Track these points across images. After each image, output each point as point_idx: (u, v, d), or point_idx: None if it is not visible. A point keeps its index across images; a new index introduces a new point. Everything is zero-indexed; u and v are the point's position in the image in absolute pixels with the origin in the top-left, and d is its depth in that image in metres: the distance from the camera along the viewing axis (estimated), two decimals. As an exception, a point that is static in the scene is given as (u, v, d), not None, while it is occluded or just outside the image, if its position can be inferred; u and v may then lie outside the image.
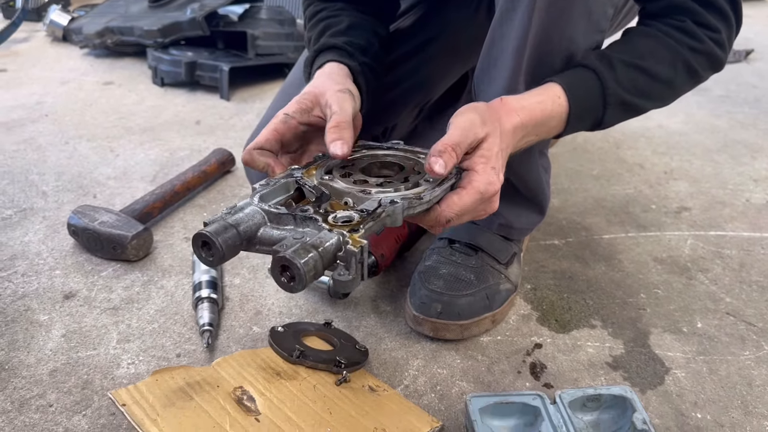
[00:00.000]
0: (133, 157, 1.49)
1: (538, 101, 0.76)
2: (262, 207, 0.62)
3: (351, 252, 0.55)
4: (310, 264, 0.53)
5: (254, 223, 0.60)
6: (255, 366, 0.80)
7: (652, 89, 0.81)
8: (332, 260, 0.56)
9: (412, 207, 0.64)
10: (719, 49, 0.82)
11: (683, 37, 0.80)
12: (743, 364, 0.89)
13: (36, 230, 1.18)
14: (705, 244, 1.19)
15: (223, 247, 0.56)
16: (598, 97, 0.79)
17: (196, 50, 2.05)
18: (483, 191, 0.67)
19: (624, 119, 0.85)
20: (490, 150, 0.69)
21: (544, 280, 1.07)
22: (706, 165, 1.53)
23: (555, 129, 0.79)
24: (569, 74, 0.79)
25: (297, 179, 0.69)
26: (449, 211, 0.67)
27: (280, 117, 0.78)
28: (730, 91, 2.07)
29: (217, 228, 0.57)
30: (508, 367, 0.88)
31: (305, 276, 0.52)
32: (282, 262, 0.53)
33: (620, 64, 0.79)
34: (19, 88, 1.95)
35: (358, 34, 0.98)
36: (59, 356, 0.87)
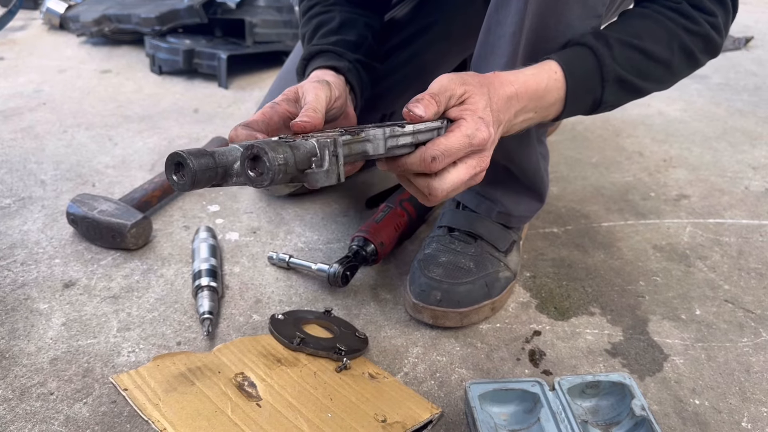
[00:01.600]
0: (131, 145, 1.49)
1: (532, 73, 0.76)
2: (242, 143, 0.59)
3: (324, 143, 0.54)
4: (280, 158, 0.51)
5: (232, 156, 0.57)
6: (256, 353, 0.81)
7: (649, 69, 0.81)
8: (306, 162, 0.54)
9: (395, 135, 0.63)
10: (715, 33, 0.82)
11: (679, 18, 0.80)
12: (741, 350, 0.90)
13: (35, 219, 1.17)
14: (704, 232, 1.19)
15: (196, 168, 0.53)
16: (596, 73, 0.78)
17: (193, 38, 2.04)
18: (470, 135, 0.66)
19: (624, 101, 0.84)
20: (475, 104, 0.68)
21: (543, 268, 1.07)
22: (705, 153, 1.53)
23: (554, 107, 0.79)
24: (565, 51, 0.79)
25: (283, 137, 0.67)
26: (434, 149, 0.65)
27: (268, 104, 0.79)
28: (730, 78, 2.07)
29: (192, 150, 0.55)
30: (507, 354, 0.88)
31: (275, 167, 0.51)
32: (253, 152, 0.51)
33: (617, 43, 0.79)
34: (17, 77, 1.94)
35: (350, 31, 0.98)
36: (60, 344, 0.87)
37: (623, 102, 0.85)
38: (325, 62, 0.91)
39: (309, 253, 1.10)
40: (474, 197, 0.99)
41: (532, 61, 0.81)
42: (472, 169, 0.68)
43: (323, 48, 0.94)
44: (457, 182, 0.68)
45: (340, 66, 0.90)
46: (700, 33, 0.82)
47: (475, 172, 0.69)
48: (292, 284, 1.01)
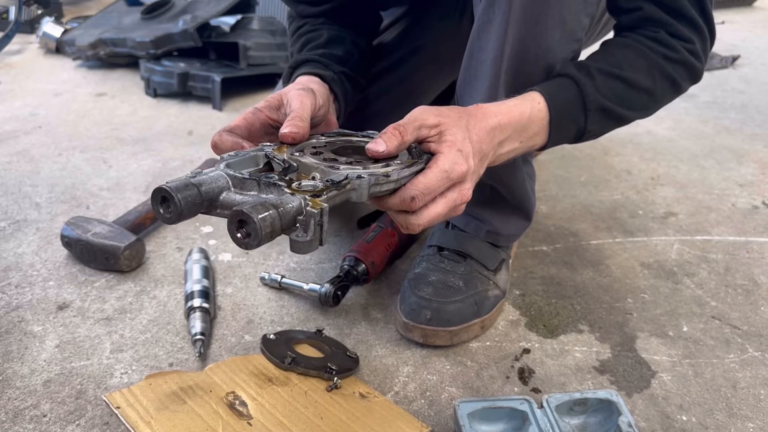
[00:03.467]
0: (126, 167, 1.50)
1: (515, 104, 0.77)
2: (227, 172, 0.60)
3: (310, 213, 0.55)
4: (267, 220, 0.52)
5: (217, 186, 0.58)
6: (247, 372, 0.81)
7: (632, 97, 0.83)
8: (292, 222, 0.55)
9: (379, 184, 0.63)
10: (695, 59, 0.84)
11: (658, 47, 0.82)
12: (728, 367, 0.91)
13: (29, 242, 1.18)
14: (691, 249, 1.21)
15: (181, 203, 0.55)
16: (578, 102, 0.80)
17: (188, 61, 2.07)
18: (448, 170, 0.66)
19: (608, 129, 0.86)
20: (454, 136, 0.68)
21: (532, 286, 1.08)
22: (692, 170, 1.55)
23: (538, 136, 0.80)
24: (548, 83, 0.81)
25: (266, 153, 0.68)
26: (413, 188, 0.65)
27: (250, 110, 0.80)
28: (717, 96, 2.10)
29: (177, 184, 0.56)
30: (496, 372, 0.89)
31: (261, 232, 0.52)
32: (239, 217, 0.52)
33: (598, 73, 0.80)
34: (13, 100, 1.96)
35: (337, 47, 1.00)
36: (53, 366, 0.88)
37: (607, 130, 0.86)
38: (310, 70, 0.92)
39: (301, 273, 1.11)
40: (463, 217, 1.01)
41: (515, 84, 0.83)
42: (451, 203, 0.68)
43: (310, 57, 0.96)
44: (434, 216, 0.68)
45: (325, 75, 0.92)
46: (680, 60, 0.84)
47: (454, 205, 0.69)
48: (284, 304, 1.02)
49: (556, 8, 0.79)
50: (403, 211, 0.68)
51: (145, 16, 2.30)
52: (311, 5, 1.08)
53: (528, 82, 0.84)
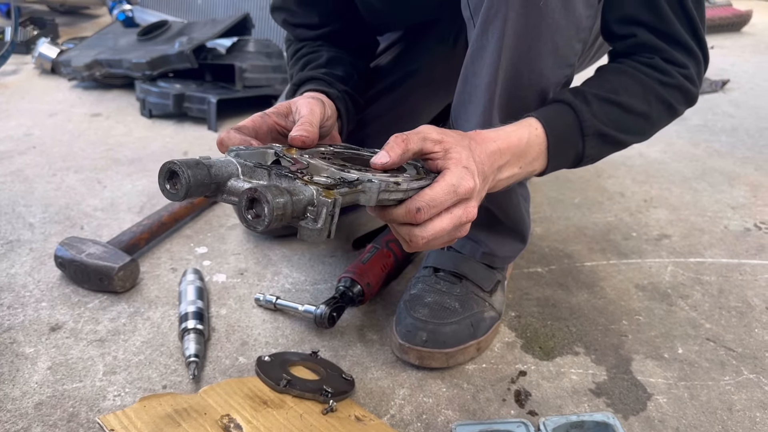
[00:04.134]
0: (120, 188, 1.50)
1: (513, 129, 0.78)
2: (238, 160, 0.60)
3: (323, 201, 0.54)
4: (280, 203, 0.51)
5: (227, 171, 0.57)
6: (242, 394, 0.81)
7: (628, 122, 0.84)
8: (302, 212, 0.54)
9: (388, 190, 0.63)
10: (690, 84, 0.85)
11: (653, 72, 0.84)
12: (723, 389, 0.91)
13: (22, 262, 1.18)
14: (685, 271, 1.21)
15: (190, 180, 0.54)
16: (575, 128, 0.81)
17: (184, 82, 2.07)
18: (455, 184, 0.66)
19: (606, 153, 0.87)
20: (459, 154, 0.68)
21: (527, 308, 1.08)
22: (685, 193, 1.56)
23: (537, 161, 0.80)
24: (544, 108, 0.82)
25: (276, 151, 0.68)
26: (419, 200, 0.65)
27: (258, 114, 0.80)
28: (708, 120, 2.13)
29: (188, 161, 0.55)
30: (493, 394, 0.89)
31: (273, 212, 0.51)
32: (252, 195, 0.52)
33: (594, 98, 0.82)
34: (7, 120, 1.96)
35: (338, 67, 1.01)
36: (45, 389, 0.87)
37: (605, 154, 0.87)
38: (315, 87, 0.93)
39: (296, 294, 1.10)
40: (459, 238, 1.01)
41: (508, 108, 0.84)
42: (456, 219, 0.68)
43: (314, 75, 0.97)
44: (439, 230, 0.67)
45: (330, 92, 0.93)
46: (675, 85, 0.85)
47: (459, 222, 0.68)
48: (278, 326, 1.02)
49: (548, 35, 0.80)
50: (407, 224, 0.67)
51: (141, 37, 2.31)
52: (309, 29, 1.09)
53: (521, 106, 0.85)
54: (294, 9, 1.08)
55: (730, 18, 3.62)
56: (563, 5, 0.78)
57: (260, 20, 2.43)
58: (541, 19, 0.78)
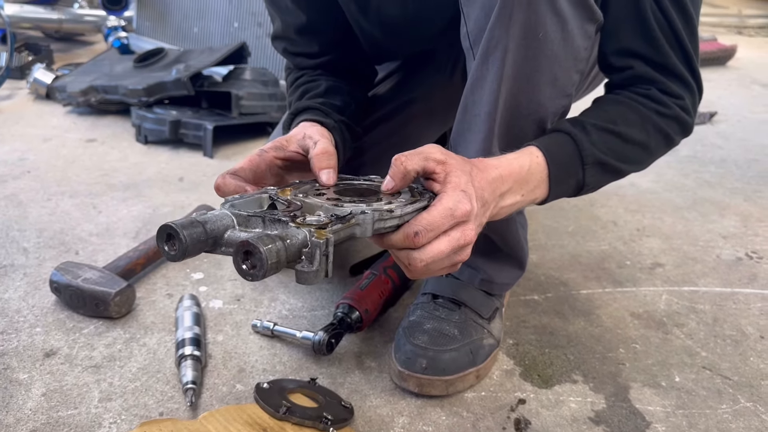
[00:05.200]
0: (115, 213, 1.50)
1: (514, 157, 0.79)
2: (232, 211, 0.62)
3: (316, 243, 0.55)
4: (273, 251, 0.53)
5: (222, 224, 0.59)
6: (241, 421, 0.80)
7: (626, 151, 0.86)
8: (297, 254, 0.56)
9: (383, 219, 0.65)
10: (685, 114, 0.87)
11: (650, 103, 0.86)
12: (721, 417, 0.91)
13: (16, 287, 1.17)
14: (679, 300, 1.22)
15: (187, 240, 0.55)
16: (575, 157, 0.82)
17: (180, 109, 2.08)
18: (452, 207, 0.67)
19: (605, 182, 0.88)
20: (458, 178, 0.70)
21: (525, 335, 1.09)
22: (677, 222, 1.58)
23: (539, 189, 0.81)
24: (544, 138, 0.83)
25: (270, 195, 0.69)
26: (417, 224, 0.67)
27: (256, 152, 0.81)
28: (697, 151, 2.16)
29: (183, 222, 0.57)
30: (493, 423, 0.88)
31: (267, 262, 0.52)
32: (246, 248, 0.53)
33: (593, 128, 0.83)
34: (1, 145, 1.96)
35: (335, 96, 1.03)
36: (39, 416, 0.86)
37: (605, 183, 0.88)
38: (312, 117, 0.95)
39: (293, 320, 1.10)
40: (457, 265, 1.01)
41: (507, 137, 0.85)
42: (455, 242, 0.69)
43: (311, 105, 0.98)
44: (437, 253, 0.68)
45: (327, 122, 0.94)
46: (671, 115, 0.87)
47: (458, 245, 0.69)
48: (276, 352, 1.01)
49: (547, 66, 0.82)
50: (406, 248, 0.68)
51: (138, 64, 2.33)
52: (308, 58, 1.11)
53: (520, 135, 0.86)
54: (294, 38, 1.09)
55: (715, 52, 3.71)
56: (562, 37, 0.80)
57: (256, 49, 2.45)
58: (540, 50, 0.80)
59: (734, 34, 4.95)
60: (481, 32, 0.82)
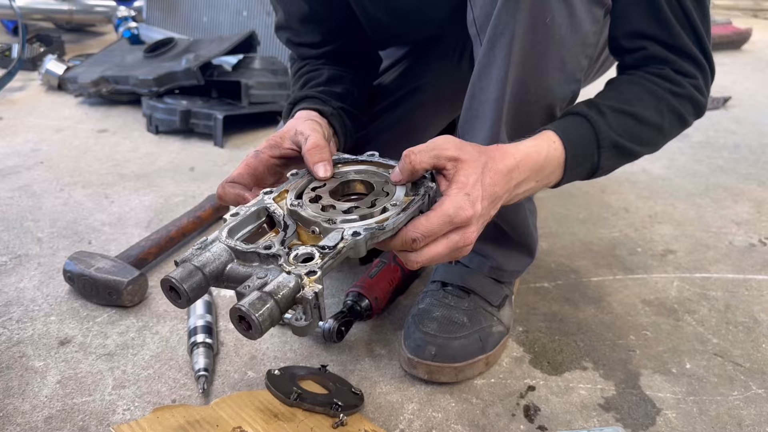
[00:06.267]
0: (127, 203, 1.51)
1: (533, 144, 0.78)
2: (229, 244, 0.65)
3: (306, 299, 0.58)
4: (265, 314, 0.56)
5: (221, 262, 0.63)
6: (253, 407, 0.81)
7: (642, 133, 0.85)
8: (290, 304, 0.59)
9: (375, 237, 0.66)
10: (699, 94, 0.87)
11: (664, 82, 0.85)
12: (732, 404, 0.91)
13: (31, 276, 1.18)
14: (691, 286, 1.22)
15: (188, 292, 0.60)
16: (591, 140, 0.81)
17: (190, 99, 2.09)
18: (452, 214, 0.67)
19: (619, 165, 0.88)
20: (466, 177, 0.70)
21: (535, 323, 1.09)
22: (689, 209, 1.57)
23: (553, 174, 0.81)
24: (560, 121, 0.83)
25: (267, 206, 0.72)
26: (414, 231, 0.67)
27: (251, 154, 0.82)
28: (710, 137, 2.14)
29: (182, 274, 0.60)
30: (502, 409, 0.89)
31: (261, 326, 0.56)
32: (239, 314, 0.56)
33: (608, 110, 0.82)
34: (15, 136, 1.98)
35: (337, 85, 1.03)
36: (54, 403, 0.87)
37: (618, 166, 0.88)
38: (309, 105, 0.95)
39: (304, 309, 1.10)
40: (466, 252, 1.02)
41: (515, 123, 0.85)
42: (453, 244, 0.69)
43: (309, 94, 0.98)
44: (434, 255, 0.69)
45: (324, 110, 0.94)
46: (686, 95, 0.86)
47: (456, 247, 0.70)
48: (287, 340, 1.02)
49: (555, 51, 0.81)
50: (403, 251, 0.70)
51: (148, 54, 2.34)
52: (312, 48, 1.10)
53: (528, 122, 0.85)
54: (297, 28, 1.09)
55: (730, 36, 3.65)
56: (569, 22, 0.79)
57: (266, 38, 2.45)
58: (547, 35, 0.79)
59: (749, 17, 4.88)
60: (487, 18, 0.81)
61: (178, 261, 0.62)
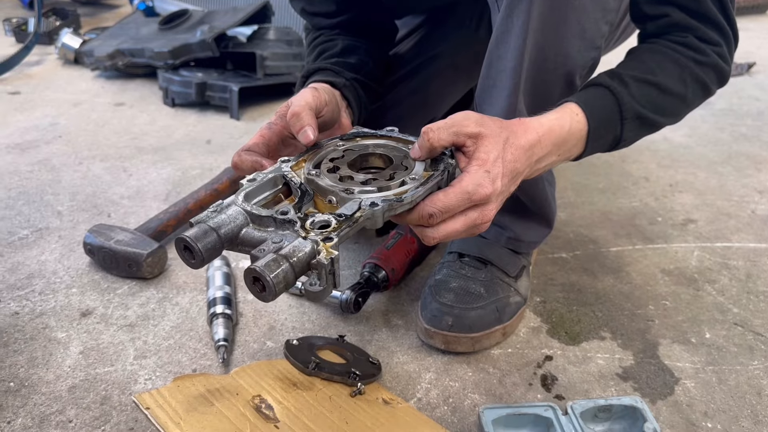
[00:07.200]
0: (146, 176, 1.52)
1: (555, 117, 0.76)
2: (245, 208, 0.64)
3: (321, 264, 0.57)
4: (279, 276, 0.55)
5: (236, 225, 0.62)
6: (272, 376, 0.82)
7: (665, 103, 0.83)
8: (305, 268, 0.58)
9: (393, 209, 0.65)
10: (723, 62, 0.84)
11: (688, 51, 0.82)
12: (752, 374, 0.90)
13: (52, 249, 1.20)
14: (711, 256, 1.20)
15: (202, 252, 0.59)
16: (615, 112, 0.80)
17: (205, 71, 2.09)
18: (471, 191, 0.66)
19: (641, 135, 0.86)
20: (486, 153, 0.68)
21: (553, 293, 1.08)
22: (710, 177, 1.55)
23: (575, 147, 0.79)
24: (582, 93, 0.81)
25: (284, 174, 0.70)
26: (431, 206, 0.66)
27: (264, 126, 0.81)
28: (733, 104, 2.09)
29: (197, 233, 0.59)
30: (519, 379, 0.89)
31: (275, 288, 0.55)
32: (253, 274, 0.55)
33: (631, 80, 0.80)
34: (33, 110, 1.99)
35: (351, 55, 1.01)
36: (77, 373, 0.89)
37: (640, 137, 0.86)
38: (321, 78, 0.93)
39: (321, 280, 1.11)
40: (484, 223, 1.01)
41: (534, 92, 0.83)
42: (471, 221, 0.68)
43: (321, 66, 0.97)
44: (451, 231, 0.68)
45: (336, 81, 0.93)
46: (709, 63, 0.84)
47: (474, 224, 0.68)
48: (305, 311, 1.03)
49: (575, 17, 0.79)
50: (420, 225, 0.68)
51: (163, 26, 2.33)
52: (326, 17, 1.09)
53: (547, 90, 0.84)
54: None
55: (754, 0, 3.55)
56: None
57: (280, 8, 2.43)
58: (567, 1, 0.77)
59: (776, -20, 4.73)
60: None
61: (193, 221, 0.61)
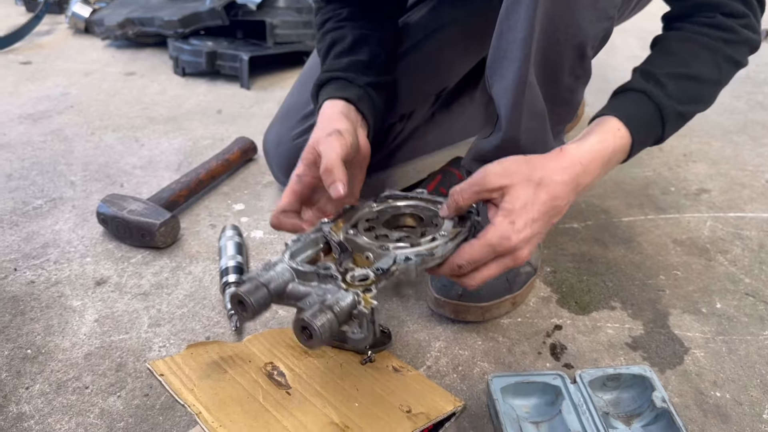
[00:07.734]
0: (157, 146, 1.52)
1: (599, 140, 0.77)
2: (291, 265, 0.71)
3: (362, 313, 0.64)
4: (326, 326, 0.62)
5: (283, 281, 0.69)
6: (284, 344, 0.83)
7: (702, 92, 0.83)
8: (347, 317, 0.64)
9: (425, 263, 0.72)
10: (753, 33, 0.84)
11: (717, 32, 0.82)
12: (762, 344, 0.90)
13: (66, 219, 1.21)
14: (724, 226, 1.19)
15: (254, 305, 0.66)
16: (656, 117, 0.80)
17: (215, 40, 2.07)
18: (494, 243, 0.71)
19: (680, 127, 0.87)
20: (512, 203, 0.71)
21: (563, 263, 1.08)
22: (725, 146, 1.53)
23: (620, 160, 0.82)
24: (620, 103, 0.81)
25: (325, 234, 0.77)
26: (459, 258, 0.72)
27: (294, 179, 0.84)
28: (750, 71, 2.05)
29: (249, 288, 0.67)
30: (528, 348, 0.90)
31: (321, 335, 0.61)
32: (302, 324, 0.62)
33: (667, 79, 0.80)
34: (44, 80, 1.99)
35: (362, 49, 1.01)
36: (93, 340, 0.90)
37: (678, 130, 0.87)
38: (335, 92, 0.94)
39: (332, 249, 1.12)
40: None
41: (545, 63, 0.82)
42: (503, 266, 0.73)
43: (334, 75, 0.96)
44: (486, 277, 0.73)
45: (351, 96, 0.93)
46: (740, 40, 0.83)
47: (507, 268, 0.74)
48: (316, 280, 1.03)
49: None
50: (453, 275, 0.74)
51: (172, -6, 2.31)
52: None
53: (558, 62, 0.83)
54: None
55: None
56: None
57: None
58: None
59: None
60: None
61: (245, 278, 0.69)
